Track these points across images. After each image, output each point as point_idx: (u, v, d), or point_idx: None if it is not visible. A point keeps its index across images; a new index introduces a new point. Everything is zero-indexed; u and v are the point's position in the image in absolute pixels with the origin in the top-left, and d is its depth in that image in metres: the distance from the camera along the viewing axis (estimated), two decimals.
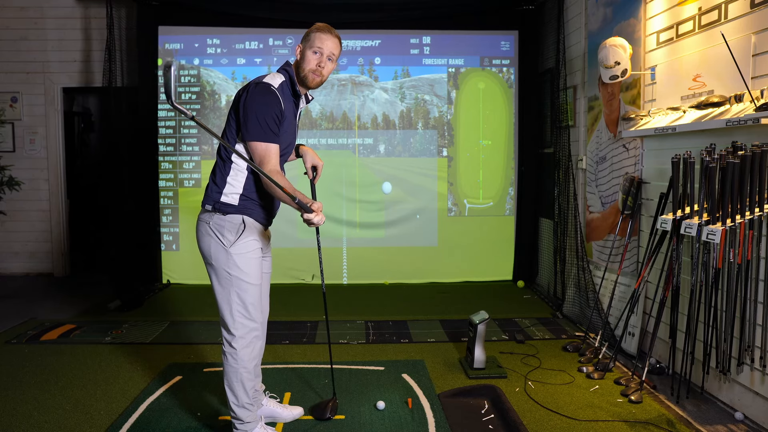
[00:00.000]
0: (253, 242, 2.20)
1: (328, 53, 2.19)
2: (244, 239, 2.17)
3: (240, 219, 2.18)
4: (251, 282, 2.19)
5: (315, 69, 2.18)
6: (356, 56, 5.36)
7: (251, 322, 2.21)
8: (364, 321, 4.13)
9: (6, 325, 3.97)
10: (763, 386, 2.45)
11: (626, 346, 3.39)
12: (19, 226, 5.65)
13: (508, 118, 5.42)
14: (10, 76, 5.51)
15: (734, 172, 2.30)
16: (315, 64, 2.17)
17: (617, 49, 3.28)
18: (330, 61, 2.21)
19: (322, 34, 2.17)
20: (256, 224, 2.23)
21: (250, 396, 2.25)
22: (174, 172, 5.31)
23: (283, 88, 2.18)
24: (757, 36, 2.44)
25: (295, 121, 2.28)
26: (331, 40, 2.19)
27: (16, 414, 2.62)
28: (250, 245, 2.19)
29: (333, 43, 2.19)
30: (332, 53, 2.20)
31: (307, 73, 2.19)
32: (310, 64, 2.17)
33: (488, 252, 5.44)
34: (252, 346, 2.23)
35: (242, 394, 2.22)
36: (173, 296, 4.92)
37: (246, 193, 2.20)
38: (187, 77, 5.26)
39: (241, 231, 2.17)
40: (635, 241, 3.46)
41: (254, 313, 2.21)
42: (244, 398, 2.23)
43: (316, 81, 2.20)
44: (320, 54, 2.17)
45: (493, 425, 2.53)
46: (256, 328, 2.24)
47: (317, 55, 2.17)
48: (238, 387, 2.21)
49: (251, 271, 2.19)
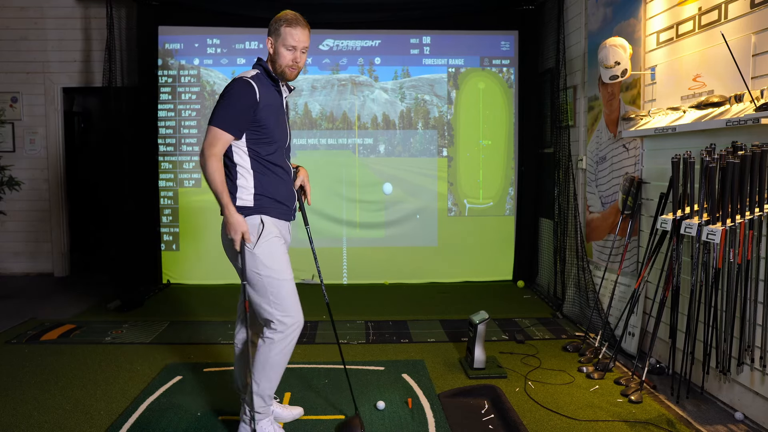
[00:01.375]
0: (275, 239, 2.21)
1: (302, 47, 2.17)
2: (266, 238, 2.18)
3: (258, 219, 2.19)
4: (282, 278, 2.20)
5: (291, 65, 2.17)
6: (356, 56, 5.36)
7: (289, 318, 2.21)
8: (364, 321, 4.13)
9: (6, 325, 3.97)
10: (763, 386, 2.45)
11: (626, 346, 3.39)
12: (19, 226, 5.65)
13: (508, 118, 5.42)
14: (10, 76, 5.51)
15: (734, 172, 2.30)
16: (290, 60, 2.16)
17: (617, 49, 3.28)
18: (303, 53, 2.20)
19: (292, 29, 2.13)
20: (276, 221, 2.23)
21: (272, 389, 2.28)
22: (174, 172, 5.31)
23: (260, 77, 2.19)
24: (757, 36, 2.44)
25: (282, 110, 2.27)
26: (303, 34, 2.16)
27: (16, 414, 2.62)
28: (273, 243, 2.20)
29: (305, 35, 2.17)
30: (305, 46, 2.19)
31: (284, 69, 2.18)
32: (286, 60, 2.16)
33: (488, 252, 5.44)
34: (289, 340, 2.23)
35: (265, 384, 2.24)
36: (173, 296, 4.92)
37: (259, 191, 2.20)
38: (187, 77, 5.26)
39: (261, 230, 2.18)
40: (635, 241, 3.46)
41: (291, 308, 2.22)
42: (266, 389, 2.25)
43: (294, 74, 2.21)
44: (294, 50, 2.15)
45: (493, 425, 2.53)
46: (295, 323, 2.24)
47: (291, 51, 2.15)
48: (263, 376, 2.22)
49: (279, 266, 2.20)
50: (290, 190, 2.30)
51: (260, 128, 2.17)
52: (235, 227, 2.12)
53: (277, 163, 2.23)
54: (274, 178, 2.22)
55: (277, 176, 2.23)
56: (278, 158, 2.24)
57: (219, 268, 5.24)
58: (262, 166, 2.20)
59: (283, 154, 2.28)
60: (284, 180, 2.26)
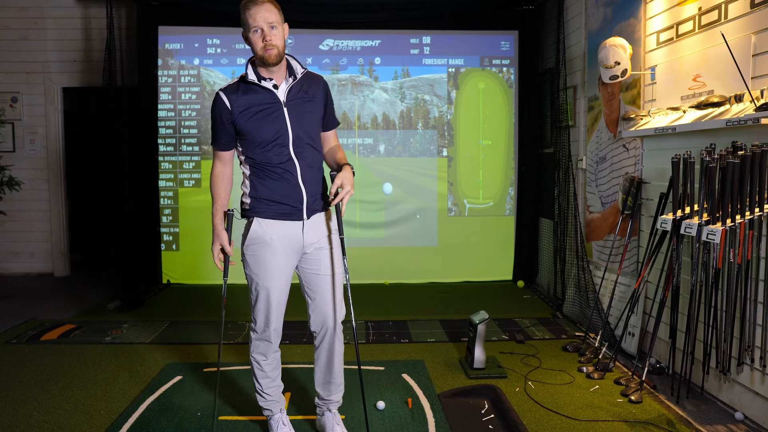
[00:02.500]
0: (262, 245, 2.17)
1: (267, 24, 2.05)
2: (252, 241, 2.18)
3: (251, 220, 2.19)
4: (262, 284, 2.18)
5: (264, 45, 2.05)
6: (356, 56, 5.36)
7: (257, 327, 2.25)
8: (364, 321, 4.12)
9: (6, 325, 3.97)
10: (763, 386, 2.45)
11: (626, 346, 3.39)
12: (19, 226, 5.65)
13: (508, 118, 5.42)
14: (10, 76, 5.52)
15: (734, 172, 2.30)
16: (261, 42, 2.05)
17: (617, 49, 3.28)
18: (274, 29, 2.05)
19: (250, 10, 2.04)
20: (273, 222, 2.17)
21: (263, 387, 2.33)
22: (174, 172, 5.31)
23: (238, 83, 2.15)
24: (757, 36, 2.44)
25: (274, 107, 2.13)
26: (262, 10, 2.04)
27: (16, 414, 2.62)
28: (258, 248, 2.18)
29: (265, 10, 2.03)
30: (270, 21, 2.04)
31: (261, 54, 2.07)
32: (258, 44, 2.06)
33: (488, 252, 5.44)
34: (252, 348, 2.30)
35: (256, 382, 2.33)
36: (173, 296, 4.92)
37: (253, 194, 2.19)
38: (187, 77, 5.26)
39: (249, 230, 2.19)
40: (635, 241, 3.46)
41: (260, 320, 2.23)
42: (257, 386, 2.34)
43: (272, 54, 2.06)
44: (260, 30, 2.05)
45: (493, 425, 2.53)
46: (259, 337, 2.27)
47: (258, 32, 2.05)
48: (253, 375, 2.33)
49: (259, 272, 2.18)
50: (294, 188, 2.16)
51: (243, 134, 2.14)
52: (214, 237, 2.19)
53: (276, 163, 2.14)
54: (271, 179, 2.15)
55: (276, 175, 2.15)
56: (276, 157, 2.14)
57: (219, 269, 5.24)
58: (258, 169, 2.17)
59: (286, 152, 2.14)
60: (284, 178, 2.15)
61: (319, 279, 2.27)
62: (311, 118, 2.21)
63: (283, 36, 2.11)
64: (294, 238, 2.20)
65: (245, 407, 2.70)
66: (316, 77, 2.27)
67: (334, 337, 2.36)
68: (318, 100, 2.22)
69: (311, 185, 2.21)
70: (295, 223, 2.19)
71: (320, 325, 2.33)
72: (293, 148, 2.15)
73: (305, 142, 2.18)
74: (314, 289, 2.29)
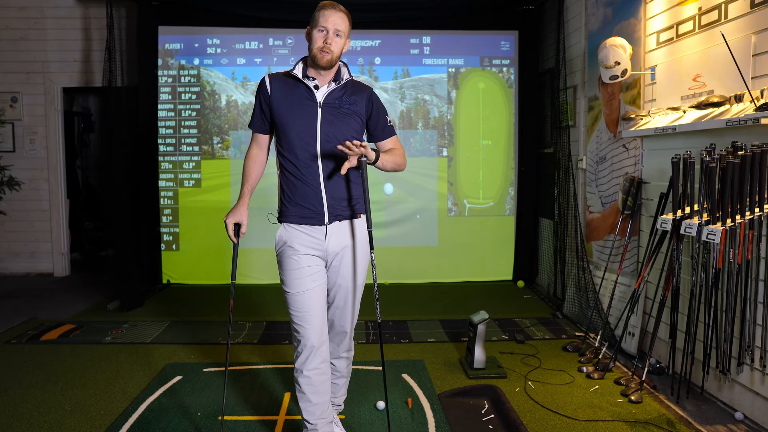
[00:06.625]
0: (286, 249, 2.15)
1: (334, 29, 2.11)
2: (281, 244, 2.18)
3: (281, 225, 2.20)
4: (291, 290, 2.14)
5: (322, 47, 2.11)
6: (356, 56, 5.36)
7: (298, 335, 2.15)
8: (364, 321, 4.12)
9: (6, 325, 3.97)
10: (763, 386, 2.45)
11: (626, 346, 3.39)
12: (19, 226, 5.65)
13: (508, 118, 5.42)
14: (10, 76, 5.51)
15: (734, 172, 2.30)
16: (321, 42, 2.11)
17: (617, 49, 3.28)
18: (338, 37, 2.13)
19: (325, 11, 2.12)
20: (299, 227, 2.15)
21: (312, 403, 2.16)
22: (174, 172, 5.31)
23: (282, 74, 2.21)
24: (757, 36, 2.44)
25: (305, 106, 2.16)
26: (335, 15, 2.12)
27: (16, 414, 2.62)
28: (283, 253, 2.17)
29: (338, 17, 2.11)
30: (338, 29, 2.11)
31: (316, 52, 2.12)
32: (317, 43, 2.12)
33: (488, 252, 5.44)
34: (298, 361, 2.16)
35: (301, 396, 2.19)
36: (173, 296, 4.92)
37: (281, 197, 2.20)
38: (187, 77, 5.26)
39: (279, 236, 2.19)
40: (635, 241, 3.46)
41: (302, 323, 2.13)
42: (302, 398, 2.18)
43: (326, 58, 2.11)
44: (325, 32, 2.11)
45: (493, 425, 2.53)
46: (304, 346, 2.13)
47: (323, 33, 2.11)
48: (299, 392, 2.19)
49: (287, 279, 2.15)
50: (315, 190, 2.14)
51: (275, 121, 2.18)
52: (230, 212, 2.16)
53: (301, 159, 2.13)
54: (295, 176, 2.15)
55: (299, 173, 2.14)
56: (301, 153, 2.13)
57: (219, 268, 5.24)
58: (286, 169, 2.17)
59: (312, 150, 2.13)
60: (306, 179, 2.14)
61: (334, 290, 2.25)
62: (346, 124, 2.19)
63: (343, 48, 2.19)
64: (317, 242, 2.16)
65: (246, 407, 2.70)
66: (363, 87, 2.29)
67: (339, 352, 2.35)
68: (359, 108, 2.22)
69: (334, 189, 2.17)
70: (318, 228, 2.16)
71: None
72: (320, 149, 2.14)
73: (334, 145, 2.13)
74: (329, 300, 2.28)
